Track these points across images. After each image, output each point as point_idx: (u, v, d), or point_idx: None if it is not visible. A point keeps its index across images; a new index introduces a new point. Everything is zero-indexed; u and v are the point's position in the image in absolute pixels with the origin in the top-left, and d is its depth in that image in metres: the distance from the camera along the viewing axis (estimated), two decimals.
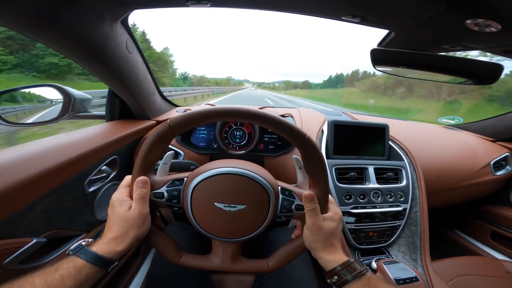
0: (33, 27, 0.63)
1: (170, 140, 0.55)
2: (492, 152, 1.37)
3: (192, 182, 0.53)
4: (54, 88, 0.93)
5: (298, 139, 0.52)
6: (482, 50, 0.83)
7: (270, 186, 0.54)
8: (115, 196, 0.54)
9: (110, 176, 0.91)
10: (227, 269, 0.59)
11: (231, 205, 0.53)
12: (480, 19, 0.61)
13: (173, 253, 0.57)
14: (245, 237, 0.56)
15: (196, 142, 1.11)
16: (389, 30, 0.81)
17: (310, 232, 0.54)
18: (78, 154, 0.74)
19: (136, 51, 0.95)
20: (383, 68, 0.96)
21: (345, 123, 1.12)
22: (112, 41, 0.79)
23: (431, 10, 0.64)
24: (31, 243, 0.60)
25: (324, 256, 0.54)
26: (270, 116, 0.52)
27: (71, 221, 0.76)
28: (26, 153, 0.66)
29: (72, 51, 0.76)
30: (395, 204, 1.01)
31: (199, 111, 0.52)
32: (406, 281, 0.79)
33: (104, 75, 0.90)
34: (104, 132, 0.95)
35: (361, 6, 0.67)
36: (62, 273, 0.43)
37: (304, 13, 0.74)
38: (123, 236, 0.50)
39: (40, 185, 0.63)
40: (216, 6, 0.70)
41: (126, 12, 0.77)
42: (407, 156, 1.10)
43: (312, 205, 0.53)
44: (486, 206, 1.45)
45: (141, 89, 1.04)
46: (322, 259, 0.55)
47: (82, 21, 0.66)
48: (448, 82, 1.03)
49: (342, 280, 0.51)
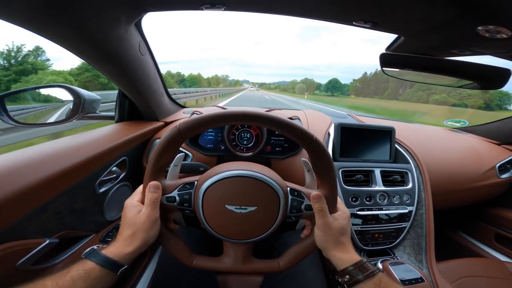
0: (48, 28, 0.63)
1: (180, 145, 0.55)
2: (497, 155, 1.37)
3: (202, 186, 0.54)
4: (64, 89, 0.93)
5: (306, 141, 0.53)
6: (491, 55, 0.83)
7: (279, 187, 0.55)
8: (128, 201, 0.56)
9: (119, 177, 0.92)
10: (238, 270, 0.60)
11: (242, 207, 0.54)
12: (492, 25, 0.61)
13: (186, 255, 0.58)
14: (256, 238, 0.57)
15: (204, 144, 1.12)
16: (398, 35, 0.82)
17: (321, 232, 0.55)
18: (91, 155, 0.75)
19: (147, 53, 0.96)
20: (391, 71, 0.96)
21: (351, 125, 1.12)
22: (126, 43, 0.79)
23: (442, 16, 0.64)
24: (44, 244, 0.60)
25: (337, 255, 0.55)
26: (278, 118, 0.53)
27: (82, 221, 0.76)
28: (40, 155, 0.67)
29: (86, 52, 0.76)
30: (401, 206, 1.01)
31: (208, 116, 0.53)
32: (411, 281, 0.79)
33: (116, 76, 0.90)
34: (114, 134, 0.96)
35: (373, 12, 0.68)
36: (72, 275, 0.44)
37: (317, 18, 0.74)
38: (131, 239, 0.51)
39: (54, 186, 0.63)
40: (230, 10, 0.71)
41: (140, 15, 0.78)
42: (413, 159, 1.11)
43: (321, 206, 0.54)
44: (491, 209, 1.45)
45: (151, 91, 1.05)
46: (334, 258, 0.55)
47: (97, 23, 0.66)
48: (454, 86, 1.03)
49: (354, 280, 0.51)
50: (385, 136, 1.14)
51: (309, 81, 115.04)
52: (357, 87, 71.80)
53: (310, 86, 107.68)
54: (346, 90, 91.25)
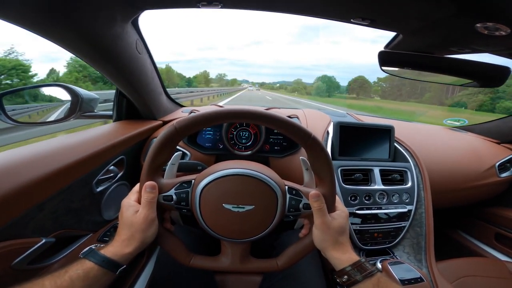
0: (44, 26, 0.63)
1: (177, 143, 0.55)
2: (497, 154, 1.37)
3: (200, 184, 0.54)
4: (62, 88, 0.93)
5: (304, 139, 0.53)
6: (490, 53, 0.83)
7: (277, 186, 0.54)
8: (124, 201, 0.55)
9: (117, 176, 0.92)
10: (236, 269, 0.59)
11: (240, 206, 0.53)
12: (490, 23, 0.61)
13: (183, 255, 0.58)
14: (254, 237, 0.57)
15: (202, 143, 1.12)
16: (397, 33, 0.82)
17: (320, 232, 0.55)
18: (87, 154, 0.74)
19: (145, 51, 0.95)
20: (390, 70, 0.96)
21: (350, 124, 1.12)
22: (122, 42, 0.79)
23: (440, 14, 0.64)
24: (41, 243, 0.60)
25: (335, 255, 0.54)
26: (276, 116, 0.52)
27: (79, 221, 0.76)
28: (36, 153, 0.67)
29: (82, 51, 0.76)
30: (401, 205, 1.01)
31: (205, 113, 0.52)
32: (411, 281, 0.79)
33: (113, 75, 0.90)
34: (112, 132, 0.96)
35: (371, 9, 0.67)
36: (71, 275, 0.44)
37: (314, 15, 0.74)
38: (129, 239, 0.51)
39: (50, 185, 0.63)
40: (227, 7, 0.70)
41: (137, 13, 0.77)
42: (413, 158, 1.10)
43: (320, 205, 0.54)
44: (490, 208, 1.45)
45: (149, 89, 1.05)
46: (333, 258, 0.55)
47: (93, 21, 0.66)
48: (454, 84, 1.03)
49: (352, 280, 0.51)
50: (384, 134, 1.13)
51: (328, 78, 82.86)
52: (383, 87, 63.82)
53: (331, 86, 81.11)
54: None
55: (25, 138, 2.90)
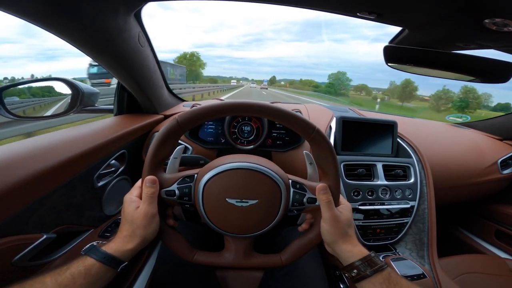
0: (46, 17, 0.62)
1: (179, 137, 0.54)
2: (499, 151, 1.36)
3: (202, 179, 0.53)
4: (62, 82, 0.92)
5: (308, 132, 0.52)
6: (496, 49, 0.82)
7: (281, 180, 0.54)
8: (127, 196, 0.55)
9: (118, 170, 0.91)
10: (240, 265, 0.59)
11: (243, 200, 0.53)
12: (499, 18, 0.60)
13: (186, 251, 0.57)
14: (257, 232, 0.56)
15: (204, 137, 1.11)
16: (403, 27, 0.80)
17: (329, 225, 0.53)
18: (88, 148, 0.73)
19: (147, 44, 0.94)
20: (395, 65, 0.95)
21: (353, 119, 1.11)
22: (125, 34, 0.78)
23: (448, 8, 0.63)
24: (42, 239, 0.59)
25: (347, 247, 0.53)
26: (280, 109, 0.52)
27: (80, 216, 0.75)
28: (36, 147, 0.66)
29: (84, 43, 0.75)
30: (403, 201, 1.01)
31: (207, 106, 0.52)
32: (413, 277, 0.79)
33: (115, 68, 0.89)
34: (113, 126, 0.95)
35: (378, 3, 0.66)
36: (72, 272, 0.44)
37: (320, 8, 0.73)
38: (131, 235, 0.50)
39: (51, 179, 0.62)
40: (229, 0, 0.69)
41: (139, 5, 0.76)
42: (415, 153, 1.10)
43: (328, 197, 0.53)
44: (491, 205, 1.45)
45: (151, 83, 1.04)
46: (344, 251, 0.53)
47: (96, 13, 0.65)
48: (458, 79, 1.02)
49: (362, 274, 0.50)
50: (387, 130, 1.12)
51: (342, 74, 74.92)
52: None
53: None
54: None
55: (26, 132, 2.89)
